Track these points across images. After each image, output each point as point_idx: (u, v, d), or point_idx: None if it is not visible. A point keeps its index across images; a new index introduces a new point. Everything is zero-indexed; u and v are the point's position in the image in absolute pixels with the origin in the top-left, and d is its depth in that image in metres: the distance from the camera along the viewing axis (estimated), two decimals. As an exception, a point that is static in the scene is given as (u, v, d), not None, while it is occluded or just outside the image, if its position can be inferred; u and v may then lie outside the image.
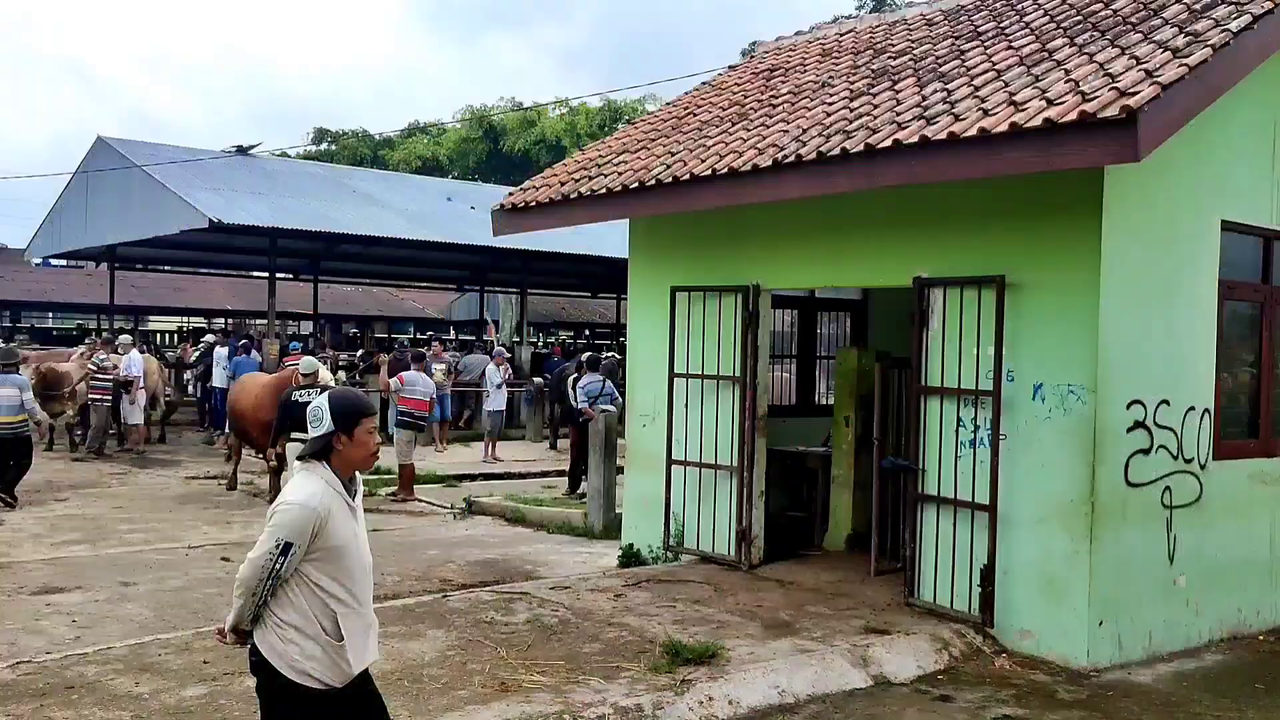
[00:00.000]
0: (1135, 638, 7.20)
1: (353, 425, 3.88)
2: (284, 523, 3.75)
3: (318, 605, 3.82)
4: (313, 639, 3.81)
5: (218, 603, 8.44)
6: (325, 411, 3.87)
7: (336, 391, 4.04)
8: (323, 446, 3.87)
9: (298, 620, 3.81)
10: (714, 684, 6.12)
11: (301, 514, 3.75)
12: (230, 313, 41.30)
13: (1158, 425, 7.29)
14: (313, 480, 3.85)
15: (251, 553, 3.80)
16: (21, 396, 12.73)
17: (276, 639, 3.82)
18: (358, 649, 3.91)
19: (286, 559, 3.73)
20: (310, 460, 3.90)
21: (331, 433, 3.86)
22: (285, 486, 3.89)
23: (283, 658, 3.81)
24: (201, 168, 21.79)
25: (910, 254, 7.90)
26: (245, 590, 3.82)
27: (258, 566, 3.77)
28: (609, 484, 11.96)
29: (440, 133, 45.65)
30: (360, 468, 4.00)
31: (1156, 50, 6.32)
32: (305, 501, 3.77)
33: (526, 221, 9.89)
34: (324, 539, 3.78)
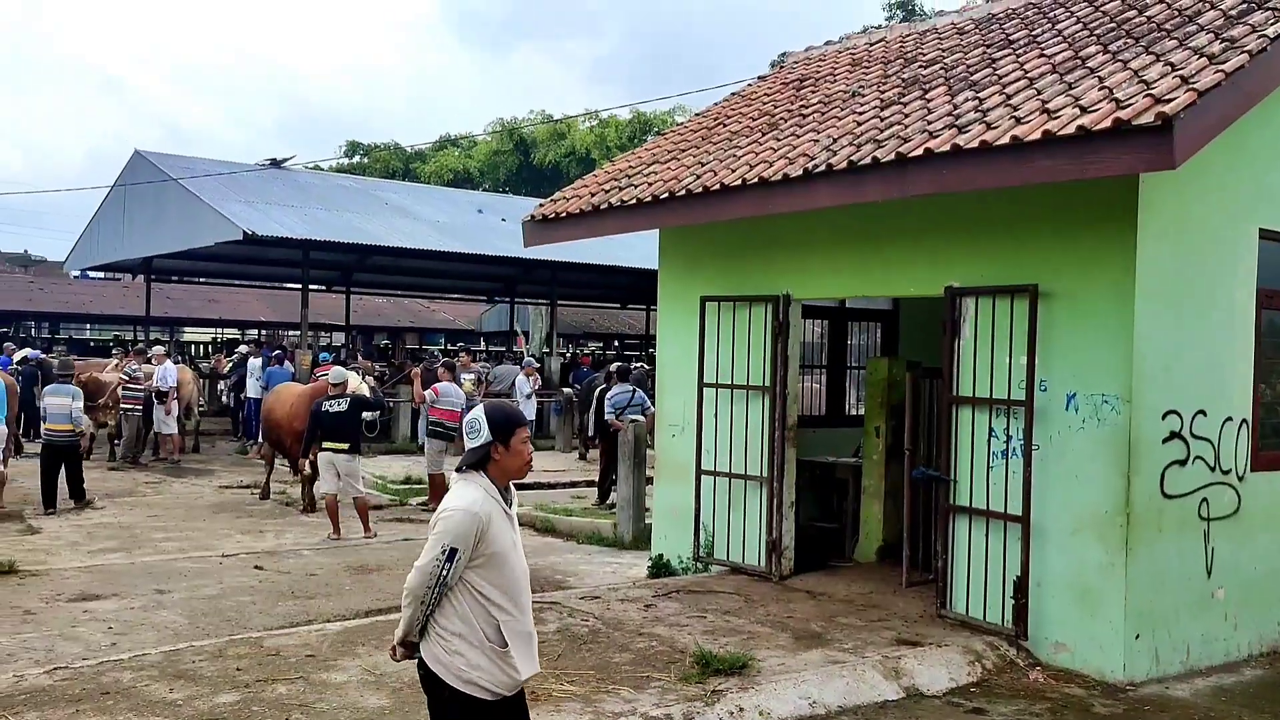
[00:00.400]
0: (1172, 651, 7.10)
1: (509, 435, 3.94)
2: (448, 529, 3.78)
3: (481, 613, 3.85)
4: (478, 648, 3.84)
5: (251, 610, 8.52)
6: (483, 423, 3.93)
7: (492, 404, 4.11)
8: (481, 457, 3.93)
9: (463, 629, 3.84)
10: (745, 695, 6.09)
11: (465, 519, 3.79)
12: (263, 324, 41.76)
13: (1194, 436, 7.20)
14: (472, 488, 3.90)
15: (418, 561, 3.83)
16: (73, 406, 13.06)
17: (442, 650, 3.85)
18: (523, 656, 3.95)
19: (453, 565, 3.76)
20: (468, 470, 3.95)
21: (490, 443, 3.91)
22: (449, 496, 3.92)
23: (449, 669, 3.84)
24: (236, 180, 22.06)
25: (941, 263, 7.85)
26: (414, 599, 3.84)
27: (425, 574, 3.79)
28: (639, 494, 11.95)
29: (471, 145, 45.94)
30: (515, 477, 4.05)
31: (1192, 57, 6.26)
32: (468, 507, 3.82)
33: (557, 232, 9.93)
34: (486, 545, 3.82)
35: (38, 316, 42.20)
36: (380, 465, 17.70)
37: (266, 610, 8.54)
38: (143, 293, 29.52)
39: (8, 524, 12.19)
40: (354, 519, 11.97)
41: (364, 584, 9.59)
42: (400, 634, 3.96)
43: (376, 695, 5.98)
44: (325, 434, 11.82)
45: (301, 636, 7.16)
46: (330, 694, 5.99)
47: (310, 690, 6.05)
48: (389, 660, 6.52)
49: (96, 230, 26.11)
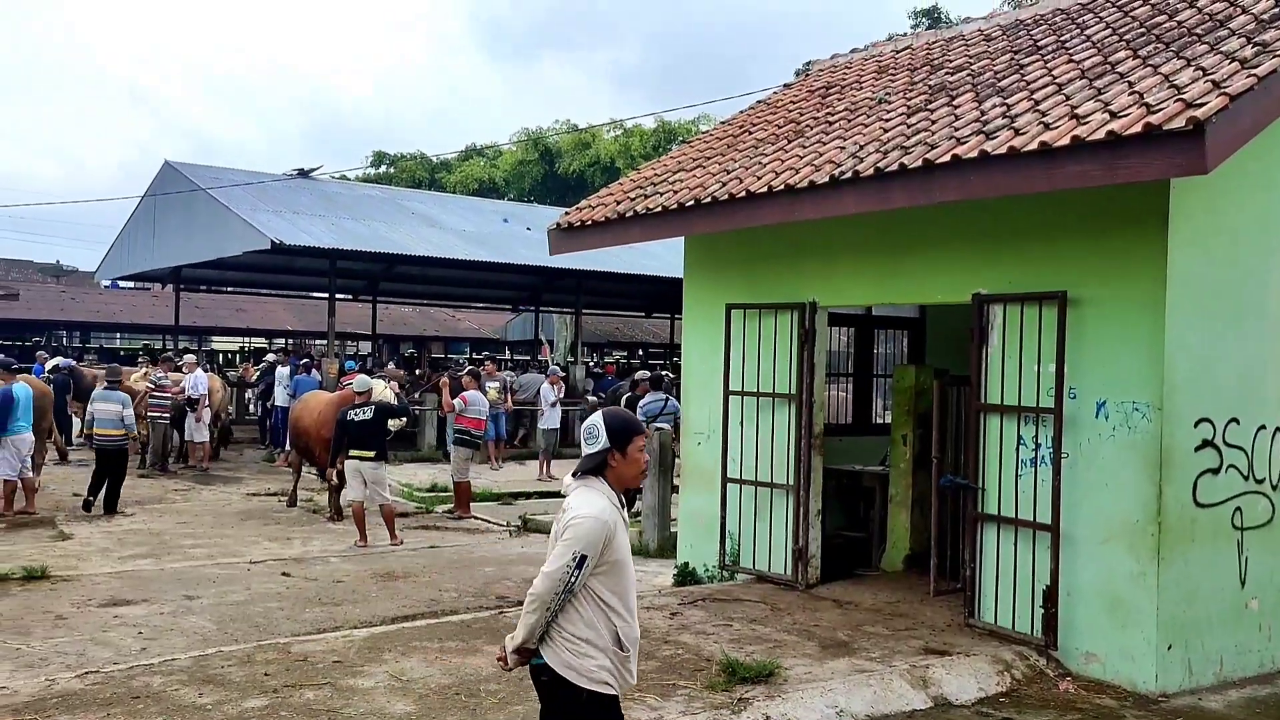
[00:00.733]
0: (1205, 662, 7.01)
1: (626, 443, 3.96)
2: (579, 536, 3.80)
3: (602, 618, 3.88)
4: (602, 651, 3.88)
5: (278, 616, 8.56)
6: (601, 429, 3.95)
7: (610, 411, 4.12)
8: (598, 463, 3.95)
9: (588, 634, 3.86)
10: (771, 703, 6.06)
11: (595, 526, 3.81)
12: (291, 333, 42.06)
13: (1227, 444, 7.12)
14: (597, 495, 3.92)
15: (546, 567, 3.84)
16: (123, 412, 13.58)
17: (570, 654, 3.87)
18: (634, 660, 4.00)
19: (581, 572, 3.79)
20: (586, 476, 3.96)
21: (607, 449, 3.93)
22: (573, 502, 3.92)
23: (581, 671, 3.86)
24: (264, 190, 22.24)
25: (969, 270, 7.81)
26: (540, 605, 3.84)
27: (555, 580, 3.80)
28: (664, 502, 11.93)
29: (496, 155, 46.14)
30: (630, 484, 4.06)
31: (1224, 61, 6.20)
32: (598, 514, 3.84)
33: (583, 240, 9.95)
34: (610, 552, 3.85)
35: (69, 326, 42.66)
36: (406, 473, 17.77)
37: (294, 616, 8.58)
38: (172, 302, 29.82)
39: (40, 530, 12.33)
40: (381, 526, 12.02)
41: (390, 591, 9.62)
42: (520, 640, 3.94)
43: (403, 701, 5.99)
44: (351, 442, 11.88)
45: (329, 643, 7.20)
46: (357, 699, 6.01)
47: (337, 696, 6.07)
48: (415, 666, 6.60)
49: (127, 240, 26.40)
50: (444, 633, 7.48)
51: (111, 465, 13.51)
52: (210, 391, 18.24)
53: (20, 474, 13.03)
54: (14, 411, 12.89)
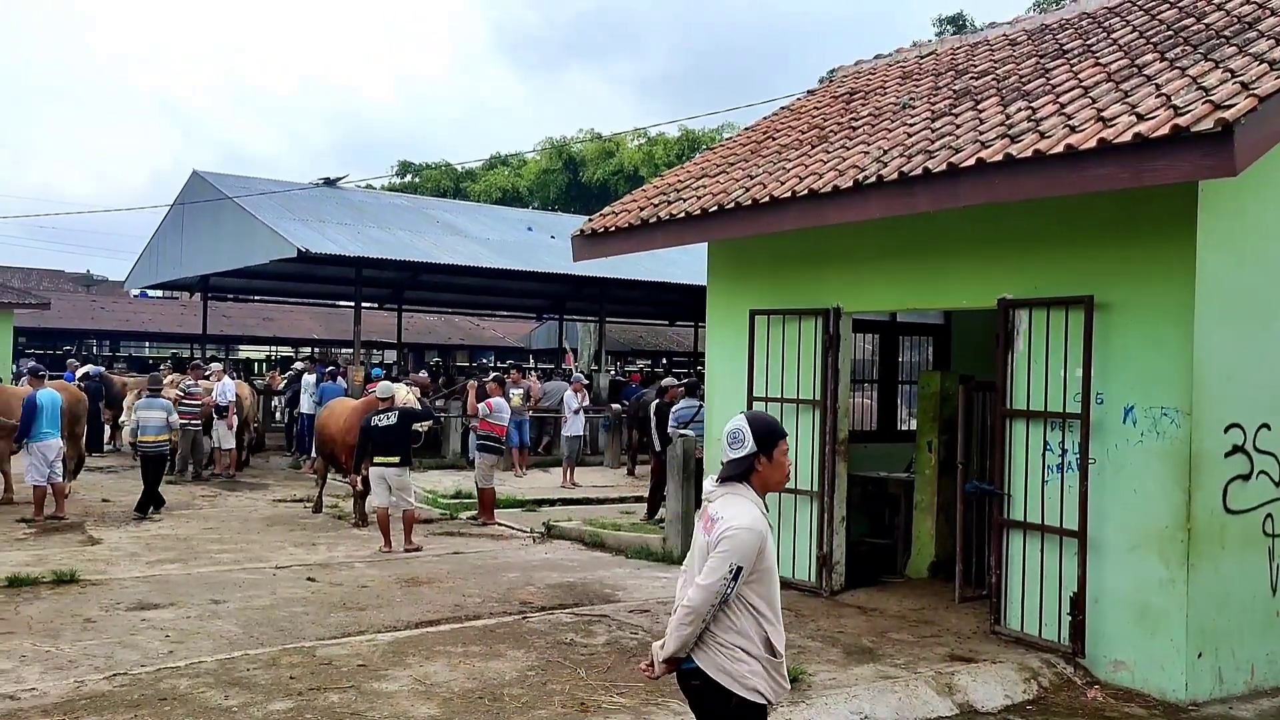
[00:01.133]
0: (1236, 671, 6.92)
1: (772, 447, 3.96)
2: (735, 547, 3.80)
3: (753, 625, 3.90)
4: (755, 658, 3.90)
5: (303, 620, 8.60)
6: (747, 434, 3.95)
7: (754, 415, 4.13)
8: (745, 469, 3.95)
9: (741, 641, 3.89)
10: (795, 709, 6.03)
11: (751, 538, 3.82)
12: (317, 341, 42.37)
13: (1258, 450, 7.04)
14: (747, 503, 3.93)
15: (702, 579, 3.83)
16: (168, 419, 14.32)
17: (726, 660, 3.89)
18: (785, 666, 4.02)
19: (736, 583, 3.81)
20: (730, 483, 3.97)
21: (754, 454, 3.93)
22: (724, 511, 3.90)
23: (735, 677, 3.88)
24: (290, 199, 22.43)
25: (994, 275, 7.77)
26: (696, 616, 3.85)
27: (712, 592, 3.81)
28: (688, 509, 11.89)
29: (520, 164, 46.30)
30: (774, 489, 4.07)
31: (1252, 63, 6.15)
32: (753, 525, 3.85)
33: (606, 247, 9.97)
34: (762, 560, 3.87)
35: (99, 334, 43.19)
36: (431, 479, 17.82)
37: (319, 621, 8.61)
38: (200, 311, 30.11)
39: (70, 535, 12.44)
40: (396, 535, 12.04)
41: (414, 596, 9.64)
42: (671, 651, 3.95)
43: (426, 705, 6.00)
44: (376, 448, 11.92)
45: (353, 646, 7.22)
46: (381, 703, 6.03)
47: (361, 699, 6.09)
48: (438, 670, 6.62)
49: (155, 249, 26.67)
50: (467, 637, 7.49)
51: (154, 470, 13.99)
52: (239, 399, 18.37)
53: (49, 479, 13.17)
54: (39, 418, 13.05)
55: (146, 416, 14.18)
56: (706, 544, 3.90)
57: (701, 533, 3.98)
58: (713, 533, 3.87)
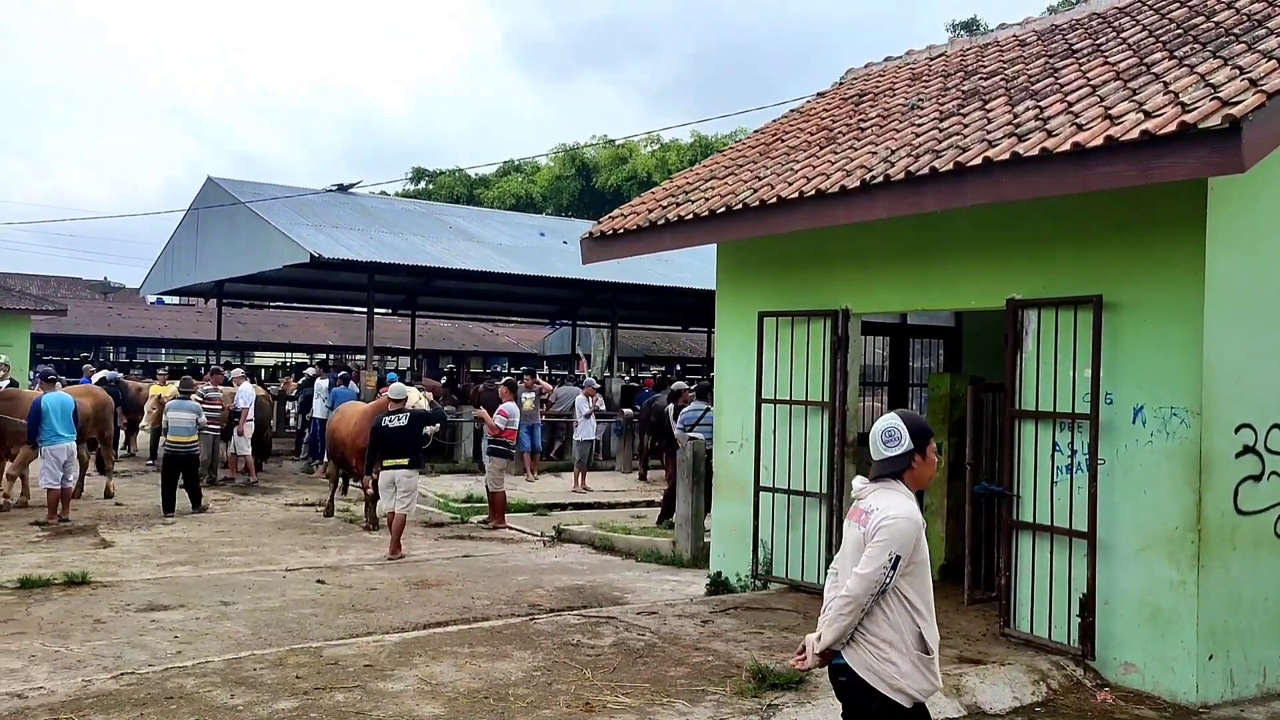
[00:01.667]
0: (1249, 674, 6.85)
1: (925, 445, 4.06)
2: (894, 536, 3.85)
3: (905, 619, 3.93)
4: (904, 654, 3.92)
5: (312, 622, 8.62)
6: (903, 432, 4.04)
7: (905, 413, 4.19)
8: (902, 467, 4.03)
9: (891, 636, 3.91)
10: (801, 709, 6.01)
11: (910, 528, 3.88)
12: (331, 348, 42.55)
13: (1269, 451, 6.97)
14: (902, 495, 3.99)
15: (861, 569, 3.88)
16: (198, 419, 14.81)
17: (873, 657, 3.91)
18: (937, 663, 4.03)
19: (895, 572, 3.85)
20: (886, 479, 4.03)
21: (911, 451, 4.02)
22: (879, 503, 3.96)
23: (882, 677, 3.91)
24: (304, 205, 22.53)
25: (1003, 275, 7.74)
26: (856, 606, 3.89)
27: (870, 581, 3.86)
28: (697, 512, 11.89)
29: (534, 171, 46.40)
30: (924, 486, 4.15)
31: (1261, 60, 6.11)
32: (910, 515, 3.91)
33: (615, 248, 9.97)
34: (917, 553, 3.92)
35: (115, 341, 43.46)
36: (442, 484, 17.86)
37: (327, 622, 8.64)
38: (215, 318, 30.25)
39: (82, 537, 12.52)
40: (418, 537, 12.06)
41: (423, 598, 9.66)
42: (828, 642, 3.97)
43: (432, 705, 6.00)
44: (387, 450, 11.92)
45: (360, 647, 7.23)
46: (386, 702, 6.03)
47: (367, 698, 6.09)
48: (444, 670, 6.62)
49: (171, 255, 26.83)
50: (475, 638, 7.49)
51: (185, 468, 14.55)
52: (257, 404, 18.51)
53: (62, 483, 13.26)
54: (46, 421, 13.14)
55: (177, 417, 14.54)
56: (860, 537, 3.94)
57: (854, 528, 4.02)
58: (869, 524, 3.91)
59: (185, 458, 14.52)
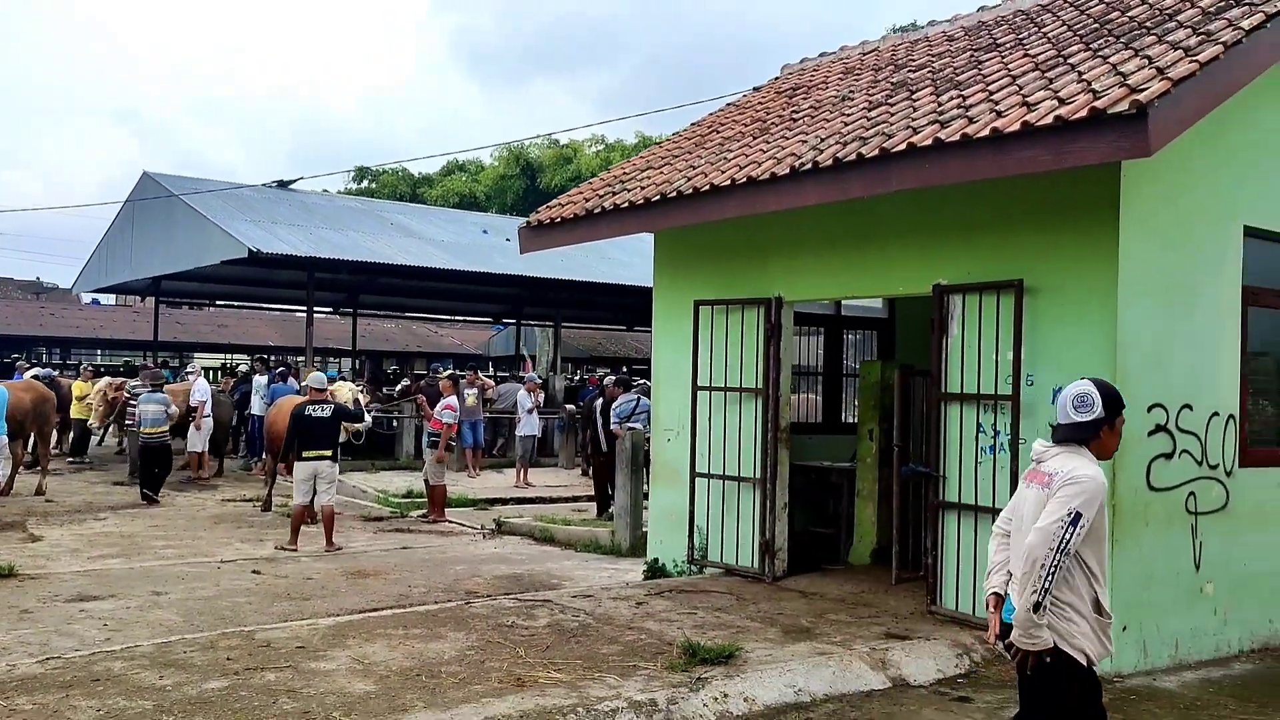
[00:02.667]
0: (1161, 645, 7.09)
1: (1115, 415, 4.08)
2: (1078, 493, 3.84)
3: (1085, 584, 3.96)
4: (1084, 617, 3.95)
5: (246, 610, 8.57)
6: (1097, 400, 4.06)
7: (1100, 381, 4.21)
8: (1089, 434, 4.04)
9: (1072, 598, 3.94)
10: (730, 682, 6.12)
11: (1095, 487, 3.87)
12: (272, 349, 41.95)
13: (1180, 430, 7.23)
14: (1087, 460, 3.99)
15: (1040, 522, 3.87)
16: (167, 410, 15.41)
17: (1054, 617, 3.92)
18: (1111, 628, 4.09)
19: (1075, 529, 3.81)
20: (1071, 445, 4.04)
21: (1102, 420, 4.03)
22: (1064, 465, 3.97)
23: (1063, 635, 3.93)
24: (242, 201, 22.28)
25: (930, 262, 7.93)
26: (1033, 561, 3.83)
27: (1048, 534, 3.82)
28: (636, 501, 11.98)
29: (478, 170, 46.28)
30: (1105, 458, 4.14)
31: (1169, 50, 6.36)
32: (1095, 475, 3.91)
33: (552, 237, 10.04)
34: (1100, 517, 3.93)
35: (48, 341, 42.49)
36: (383, 480, 17.77)
37: (261, 610, 8.59)
38: (151, 318, 29.76)
39: (10, 532, 12.28)
40: (354, 529, 12.02)
41: (360, 587, 9.63)
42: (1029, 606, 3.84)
43: (364, 682, 6.02)
44: (308, 440, 11.69)
45: (293, 630, 7.21)
46: (318, 680, 6.03)
47: (299, 677, 6.09)
48: (377, 651, 6.64)
49: (106, 252, 26.37)
50: (409, 621, 7.51)
51: (159, 459, 15.20)
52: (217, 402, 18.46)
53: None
54: None
55: (147, 409, 15.20)
56: (1040, 496, 3.96)
57: (1034, 489, 4.03)
58: (1053, 484, 3.92)
59: (158, 448, 15.16)
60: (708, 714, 5.82)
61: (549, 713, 5.52)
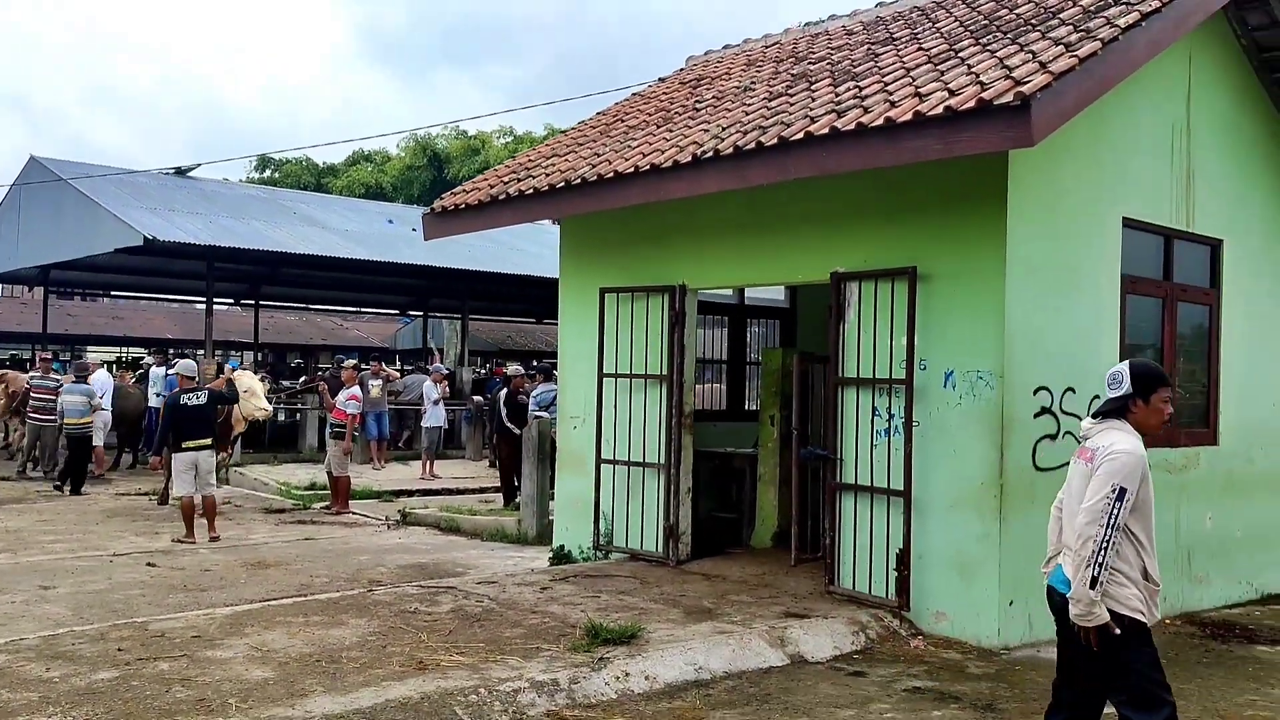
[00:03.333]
0: (1046, 618, 7.27)
1: (1150, 392, 4.13)
2: (1117, 469, 3.92)
3: (1133, 553, 4.04)
4: (1134, 584, 4.03)
5: (139, 602, 8.37)
6: (1126, 377, 4.15)
7: (1138, 360, 4.27)
8: (1118, 408, 4.14)
9: (1124, 568, 4.02)
10: (632, 661, 6.19)
11: (1134, 461, 3.95)
12: (170, 342, 40.67)
13: (1064, 412, 7.53)
14: (1125, 434, 4.07)
15: (1085, 502, 3.96)
16: (90, 401, 15.58)
17: (1109, 585, 4.00)
18: (1159, 596, 4.16)
19: (1122, 505, 3.90)
20: (1107, 419, 4.14)
21: (1129, 396, 4.13)
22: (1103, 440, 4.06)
23: (1117, 599, 4.01)
24: (137, 188, 21.62)
25: (829, 250, 8.11)
26: (1084, 539, 3.95)
27: (1096, 511, 3.92)
28: (543, 490, 12.00)
29: (385, 161, 45.60)
30: (1149, 432, 4.19)
31: (1051, 46, 6.62)
32: (1133, 450, 3.98)
33: (456, 224, 9.99)
34: (1145, 489, 4.00)
35: (-72, 334, 40.61)
36: (285, 472, 17.48)
37: (156, 602, 8.39)
38: (40, 309, 28.64)
39: (-114, 530, 11.77)
40: (256, 521, 11.80)
41: (260, 578, 9.47)
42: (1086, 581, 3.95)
43: (261, 669, 5.94)
44: (185, 430, 11.40)
45: (189, 620, 7.08)
46: (214, 669, 5.93)
47: (193, 666, 5.98)
48: (276, 638, 6.57)
49: (-11, 241, 25.30)
50: (310, 609, 7.42)
51: (80, 451, 15.38)
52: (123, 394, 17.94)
53: None
54: None
55: (68, 401, 15.39)
56: (1085, 471, 4.10)
57: (1080, 464, 4.18)
58: (1095, 460, 4.05)
59: (81, 438, 15.34)
60: (609, 692, 5.89)
61: (450, 694, 5.53)
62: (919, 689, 6.18)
